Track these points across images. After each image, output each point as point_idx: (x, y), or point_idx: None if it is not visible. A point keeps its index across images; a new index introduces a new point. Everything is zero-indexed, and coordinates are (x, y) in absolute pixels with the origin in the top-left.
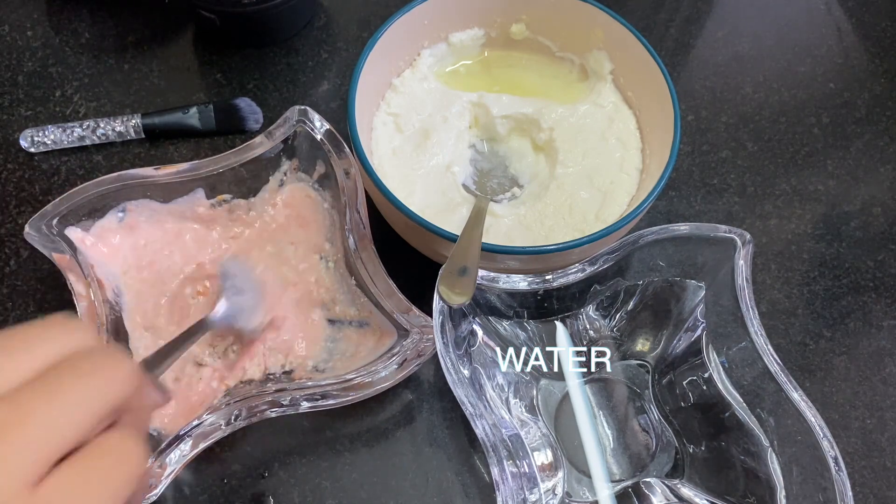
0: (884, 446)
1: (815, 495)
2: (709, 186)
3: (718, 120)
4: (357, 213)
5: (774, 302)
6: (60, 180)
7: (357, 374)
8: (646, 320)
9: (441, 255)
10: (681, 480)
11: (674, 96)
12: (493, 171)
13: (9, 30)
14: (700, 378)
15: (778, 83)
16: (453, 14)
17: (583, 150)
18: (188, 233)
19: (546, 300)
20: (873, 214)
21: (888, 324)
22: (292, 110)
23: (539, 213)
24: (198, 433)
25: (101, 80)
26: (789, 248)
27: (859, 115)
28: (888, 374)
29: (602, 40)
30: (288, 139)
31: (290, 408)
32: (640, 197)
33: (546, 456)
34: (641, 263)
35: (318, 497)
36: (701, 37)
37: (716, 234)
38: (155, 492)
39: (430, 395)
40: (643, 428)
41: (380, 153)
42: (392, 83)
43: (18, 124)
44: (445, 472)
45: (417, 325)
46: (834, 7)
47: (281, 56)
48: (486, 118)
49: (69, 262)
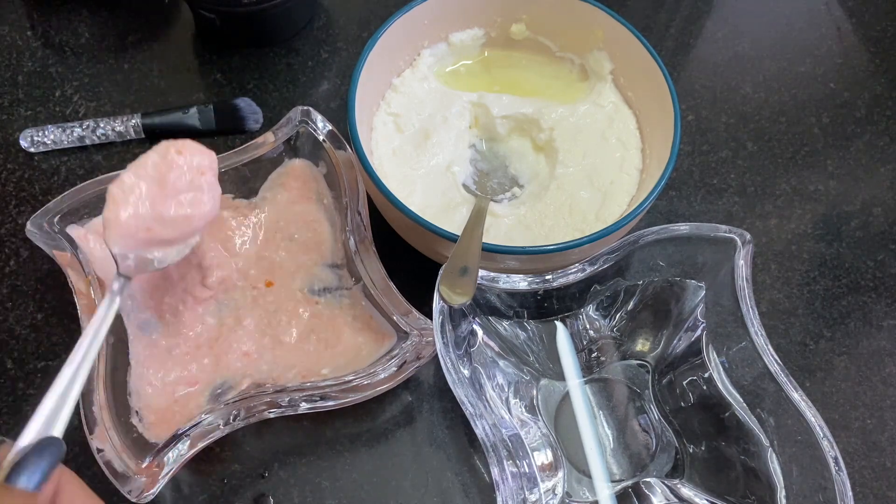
0: (884, 446)
1: (815, 495)
2: (709, 186)
3: (718, 120)
4: (358, 214)
5: (774, 302)
6: (60, 180)
7: (356, 376)
8: (646, 320)
9: (441, 255)
10: (681, 480)
11: (674, 96)
12: (494, 171)
13: (9, 30)
14: (700, 378)
15: (778, 83)
16: (453, 14)
17: (583, 150)
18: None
19: (546, 300)
20: (873, 214)
21: (888, 324)
22: (295, 111)
23: (539, 213)
24: (196, 433)
25: (101, 80)
26: (789, 248)
27: (859, 115)
28: (888, 374)
29: (602, 40)
30: (290, 139)
31: (289, 408)
32: (640, 197)
33: (546, 456)
34: (641, 263)
35: (318, 497)
36: (701, 37)
37: (716, 234)
38: (152, 491)
39: (430, 396)
40: (643, 428)
41: (380, 153)
42: (392, 83)
43: (18, 124)
44: (445, 472)
45: (417, 327)
46: (834, 7)
47: (281, 56)
48: (486, 118)
49: (70, 259)
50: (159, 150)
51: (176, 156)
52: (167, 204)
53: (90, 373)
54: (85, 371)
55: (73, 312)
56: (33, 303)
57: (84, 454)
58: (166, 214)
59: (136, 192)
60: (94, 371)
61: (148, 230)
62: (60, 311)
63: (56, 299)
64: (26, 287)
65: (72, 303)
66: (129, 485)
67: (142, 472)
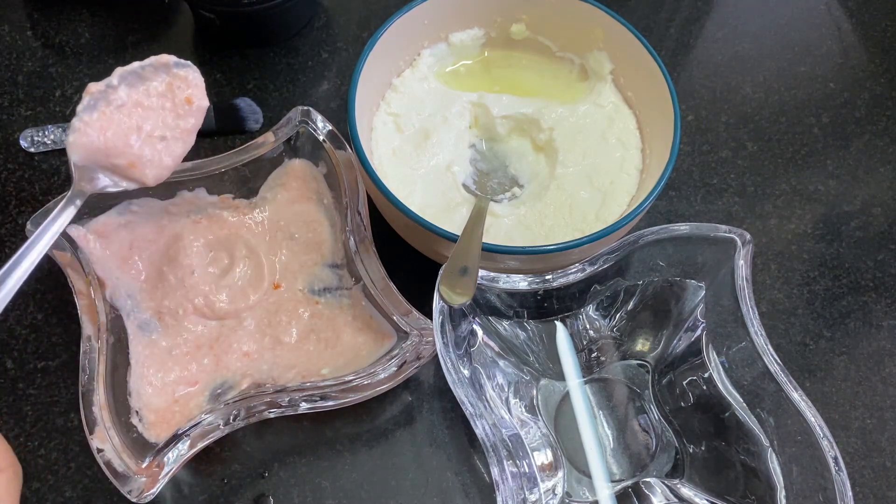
0: (884, 446)
1: (815, 495)
2: (709, 186)
3: (718, 120)
4: (358, 214)
5: (774, 302)
6: (60, 180)
7: (356, 376)
8: (646, 320)
9: (441, 255)
10: (681, 480)
11: (674, 96)
12: (493, 171)
13: (9, 30)
14: (700, 378)
15: (778, 83)
16: (453, 14)
17: (583, 150)
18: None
19: (546, 300)
20: (873, 214)
21: (888, 324)
22: (295, 111)
23: (539, 213)
24: (196, 433)
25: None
26: (789, 248)
27: (859, 115)
28: (888, 374)
29: (602, 40)
30: (290, 139)
31: (289, 408)
32: (640, 197)
33: (546, 456)
34: (641, 263)
35: (318, 497)
36: (701, 37)
37: (716, 234)
38: (152, 491)
39: (430, 396)
40: (643, 428)
41: (380, 153)
42: (392, 83)
43: (18, 124)
44: (445, 472)
45: (417, 327)
46: (834, 7)
47: (281, 56)
48: (486, 118)
49: (70, 259)
50: (168, 81)
51: (182, 98)
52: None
53: (90, 373)
54: (22, 270)
55: (73, 312)
56: (33, 303)
57: (84, 454)
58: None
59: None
60: (94, 371)
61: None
62: (60, 311)
63: (56, 299)
64: (26, 287)
65: (72, 303)
66: (129, 485)
67: (142, 472)
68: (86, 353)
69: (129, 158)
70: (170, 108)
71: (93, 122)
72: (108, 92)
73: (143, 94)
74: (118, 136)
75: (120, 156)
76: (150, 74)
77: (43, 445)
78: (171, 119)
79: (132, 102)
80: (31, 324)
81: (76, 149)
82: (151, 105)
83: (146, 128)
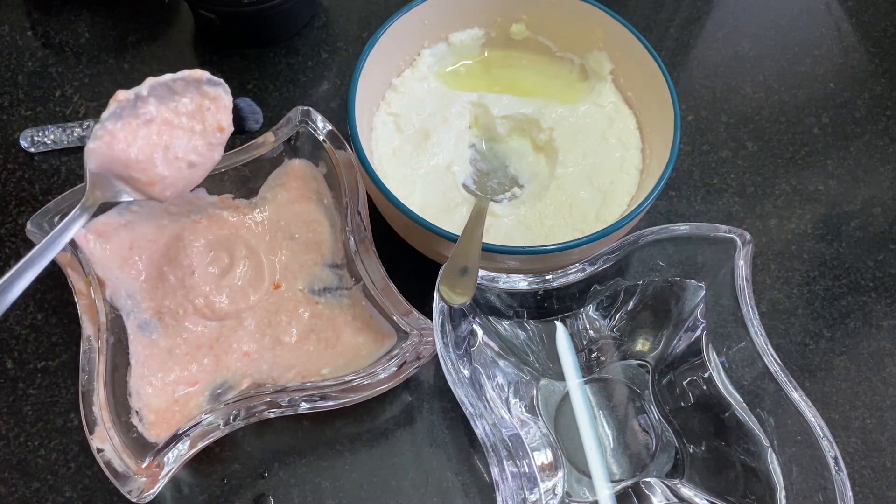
0: (884, 446)
1: (815, 495)
2: (709, 186)
3: (718, 120)
4: (358, 214)
5: (774, 302)
6: (60, 180)
7: (356, 376)
8: (646, 320)
9: (441, 255)
10: (681, 480)
11: (674, 96)
12: (493, 171)
13: (9, 30)
14: (700, 378)
15: (778, 83)
16: (453, 14)
17: (583, 150)
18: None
19: (546, 300)
20: (873, 214)
21: (888, 324)
22: (295, 111)
23: (539, 213)
24: (196, 433)
25: (101, 80)
26: (789, 248)
27: (859, 115)
28: (888, 374)
29: (602, 40)
30: (290, 139)
31: (289, 408)
32: (640, 197)
33: (546, 456)
34: (641, 263)
35: (318, 497)
36: (701, 37)
37: (716, 234)
38: (152, 491)
39: (430, 396)
40: (643, 428)
41: (380, 153)
42: (392, 83)
43: (18, 124)
44: (445, 472)
45: (417, 327)
46: (834, 7)
47: (281, 56)
48: (486, 118)
49: (70, 259)
50: (198, 102)
51: (213, 123)
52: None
53: (90, 373)
54: (29, 277)
55: (73, 312)
56: (33, 303)
57: (84, 454)
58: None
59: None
60: (94, 371)
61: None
62: (60, 311)
63: (56, 299)
64: (26, 287)
65: (72, 303)
66: (129, 485)
67: (142, 471)
68: (86, 353)
69: (150, 176)
70: (199, 132)
71: (116, 131)
72: (138, 103)
73: (172, 111)
74: (143, 151)
75: (142, 172)
76: (180, 88)
77: (43, 445)
78: (203, 146)
79: (161, 119)
80: (31, 324)
81: (95, 155)
82: (181, 125)
83: (174, 149)
